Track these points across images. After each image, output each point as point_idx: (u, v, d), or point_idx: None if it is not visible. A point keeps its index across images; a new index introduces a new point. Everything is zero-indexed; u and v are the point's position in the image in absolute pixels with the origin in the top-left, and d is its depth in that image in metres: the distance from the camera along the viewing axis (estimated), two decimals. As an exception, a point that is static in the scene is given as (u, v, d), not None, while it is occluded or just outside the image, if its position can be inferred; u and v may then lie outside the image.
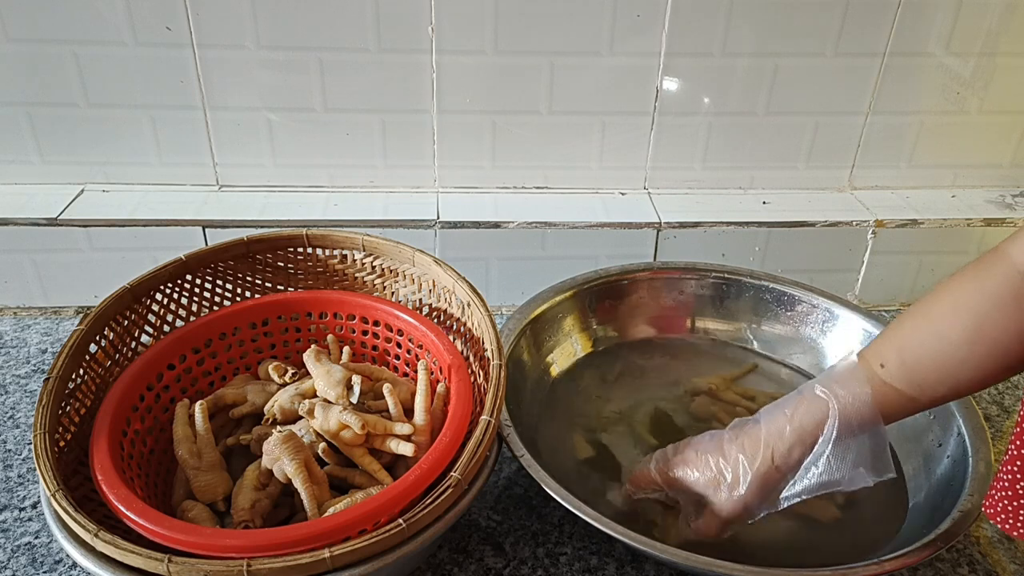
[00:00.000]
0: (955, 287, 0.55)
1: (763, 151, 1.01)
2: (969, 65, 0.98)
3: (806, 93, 0.97)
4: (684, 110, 0.97)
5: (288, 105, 0.93)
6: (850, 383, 0.58)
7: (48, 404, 0.58)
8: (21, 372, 0.86)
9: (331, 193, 0.99)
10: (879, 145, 1.02)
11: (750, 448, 0.60)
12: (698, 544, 0.62)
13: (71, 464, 0.60)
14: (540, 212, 0.97)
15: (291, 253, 0.77)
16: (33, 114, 0.92)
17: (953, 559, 0.69)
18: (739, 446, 0.60)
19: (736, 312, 0.88)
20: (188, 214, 0.93)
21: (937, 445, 0.72)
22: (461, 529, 0.70)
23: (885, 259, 1.02)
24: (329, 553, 0.50)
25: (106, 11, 0.86)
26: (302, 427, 0.65)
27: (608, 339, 0.87)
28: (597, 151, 0.99)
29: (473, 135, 0.97)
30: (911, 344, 0.56)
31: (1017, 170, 1.06)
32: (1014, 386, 0.89)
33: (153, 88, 0.91)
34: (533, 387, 0.79)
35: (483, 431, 0.58)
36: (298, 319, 0.75)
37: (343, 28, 0.89)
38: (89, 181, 0.97)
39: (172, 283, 0.72)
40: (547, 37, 0.91)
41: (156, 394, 0.67)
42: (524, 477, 0.74)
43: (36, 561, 0.66)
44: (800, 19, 0.92)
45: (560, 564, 0.67)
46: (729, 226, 0.98)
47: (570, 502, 0.60)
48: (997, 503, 0.55)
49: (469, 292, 0.69)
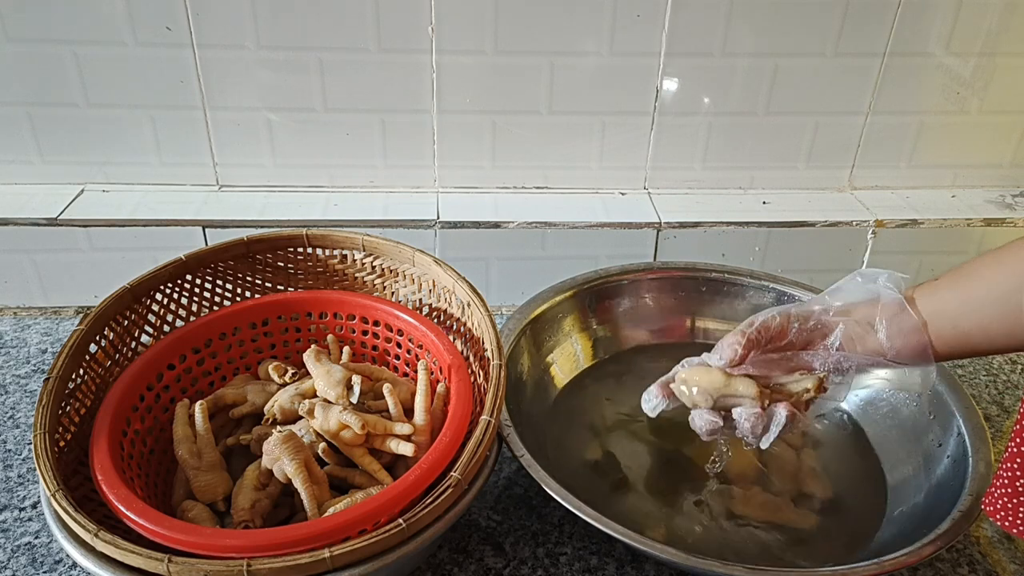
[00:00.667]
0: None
1: (763, 151, 1.01)
2: (969, 65, 0.98)
3: (806, 93, 0.97)
4: (684, 110, 0.97)
5: (288, 105, 0.93)
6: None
7: (48, 404, 0.58)
8: (21, 372, 0.86)
9: (331, 193, 0.99)
10: (879, 145, 1.02)
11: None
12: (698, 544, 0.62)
13: (71, 464, 0.60)
14: (540, 212, 0.97)
15: (291, 253, 0.77)
16: (33, 114, 0.92)
17: (953, 559, 0.69)
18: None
19: (736, 312, 0.88)
20: (188, 214, 0.93)
21: (937, 445, 0.72)
22: (461, 529, 0.70)
23: (885, 259, 1.02)
24: (329, 553, 0.50)
25: (106, 11, 0.86)
26: (302, 427, 0.65)
27: (608, 339, 0.87)
28: (597, 151, 0.99)
29: (473, 135, 0.97)
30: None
31: (1017, 170, 1.06)
32: (1014, 386, 0.89)
33: (153, 88, 0.91)
34: (533, 387, 0.79)
35: (483, 431, 0.59)
36: (298, 319, 0.75)
37: (343, 28, 0.89)
38: (89, 181, 0.97)
39: (172, 283, 0.72)
40: (547, 37, 0.91)
41: (156, 394, 0.67)
42: (524, 477, 0.74)
43: (36, 561, 0.66)
44: (800, 19, 0.92)
45: (560, 564, 0.67)
46: (729, 226, 0.98)
47: (570, 502, 0.60)
48: (996, 501, 0.55)
49: (469, 292, 0.69)
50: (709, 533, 0.68)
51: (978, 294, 0.58)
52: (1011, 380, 0.90)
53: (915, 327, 0.60)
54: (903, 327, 0.61)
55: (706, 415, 0.63)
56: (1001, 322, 0.57)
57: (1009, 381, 0.90)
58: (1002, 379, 0.90)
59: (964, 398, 0.72)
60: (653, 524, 0.69)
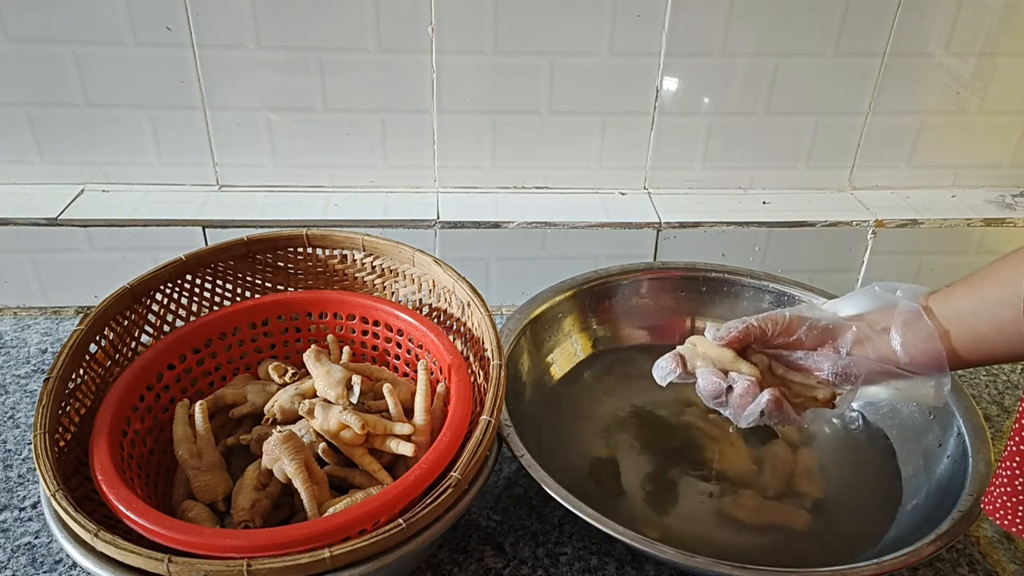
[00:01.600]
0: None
1: (763, 151, 1.01)
2: (969, 65, 0.98)
3: (806, 93, 0.97)
4: (684, 110, 0.97)
5: (288, 105, 0.93)
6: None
7: (48, 404, 0.58)
8: (21, 372, 0.86)
9: (331, 193, 0.99)
10: (879, 145, 1.02)
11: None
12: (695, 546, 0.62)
13: (71, 464, 0.60)
14: (540, 212, 0.97)
15: (291, 253, 0.77)
16: (33, 114, 0.92)
17: (953, 559, 0.69)
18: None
19: (736, 312, 0.88)
20: (188, 214, 0.93)
21: (937, 445, 0.72)
22: (461, 529, 0.70)
23: (885, 259, 1.02)
24: (329, 553, 0.50)
25: (106, 11, 0.86)
26: (302, 427, 0.65)
27: (608, 339, 0.87)
28: (597, 151, 0.99)
29: (473, 135, 0.97)
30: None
31: (1017, 170, 1.06)
32: (1014, 386, 0.89)
33: (153, 88, 0.91)
34: (533, 387, 0.79)
35: (483, 431, 0.59)
36: (298, 319, 0.75)
37: (343, 28, 0.89)
38: (89, 181, 0.97)
39: (172, 283, 0.72)
40: (547, 37, 0.91)
41: (156, 394, 0.67)
42: (524, 477, 0.74)
43: (36, 561, 0.66)
44: (800, 19, 0.92)
45: (560, 564, 0.67)
46: (729, 226, 0.98)
47: (570, 502, 0.60)
48: (996, 500, 0.55)
49: (469, 292, 0.69)
50: (709, 532, 0.68)
51: (994, 295, 0.57)
52: (1011, 380, 0.90)
53: (931, 334, 0.59)
54: (919, 334, 0.60)
55: (711, 375, 0.62)
56: (1018, 324, 0.56)
57: (1009, 381, 0.90)
58: (1002, 379, 0.90)
59: (964, 398, 0.72)
60: (653, 524, 0.69)
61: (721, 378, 0.62)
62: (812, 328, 0.62)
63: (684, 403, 0.81)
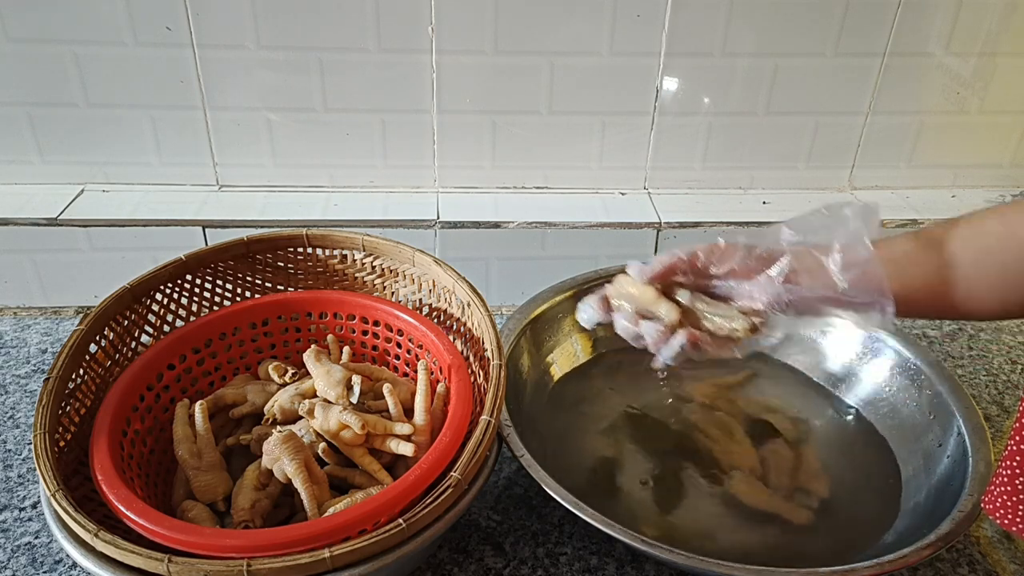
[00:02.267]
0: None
1: (763, 151, 1.01)
2: (969, 65, 0.98)
3: (806, 93, 0.97)
4: (684, 110, 0.97)
5: (288, 105, 0.93)
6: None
7: (48, 404, 0.58)
8: (21, 372, 0.86)
9: (331, 193, 0.99)
10: (879, 145, 1.02)
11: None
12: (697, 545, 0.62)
13: (71, 464, 0.60)
14: (540, 212, 0.97)
15: (291, 253, 0.77)
16: (33, 114, 0.92)
17: (953, 559, 0.69)
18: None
19: (736, 312, 0.88)
20: (188, 214, 0.93)
21: (937, 445, 0.72)
22: (461, 529, 0.70)
23: (885, 259, 1.02)
24: (329, 553, 0.50)
25: (106, 11, 0.86)
26: (302, 427, 0.65)
27: (608, 339, 0.87)
28: (597, 151, 0.99)
29: (473, 135, 0.97)
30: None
31: (1017, 170, 1.06)
32: (1014, 386, 0.89)
33: (153, 88, 0.91)
34: (533, 387, 0.79)
35: (483, 431, 0.58)
36: (298, 319, 0.75)
37: (343, 28, 0.89)
38: (89, 181, 0.97)
39: (172, 283, 0.72)
40: (547, 37, 0.91)
41: (156, 394, 0.67)
42: (524, 477, 0.74)
43: (36, 561, 0.66)
44: (800, 19, 0.92)
45: (560, 564, 0.67)
46: (729, 226, 0.98)
47: (570, 502, 0.60)
48: (996, 499, 0.54)
49: (469, 292, 0.69)
50: (709, 532, 0.68)
51: (922, 248, 0.58)
52: (1011, 380, 0.90)
53: (871, 258, 0.56)
54: (858, 258, 0.56)
55: (623, 320, 0.61)
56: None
57: (1009, 381, 0.90)
58: (1002, 379, 0.90)
59: (964, 398, 0.72)
60: (653, 524, 0.69)
61: (633, 323, 0.60)
62: (748, 256, 0.58)
63: (684, 402, 0.81)
